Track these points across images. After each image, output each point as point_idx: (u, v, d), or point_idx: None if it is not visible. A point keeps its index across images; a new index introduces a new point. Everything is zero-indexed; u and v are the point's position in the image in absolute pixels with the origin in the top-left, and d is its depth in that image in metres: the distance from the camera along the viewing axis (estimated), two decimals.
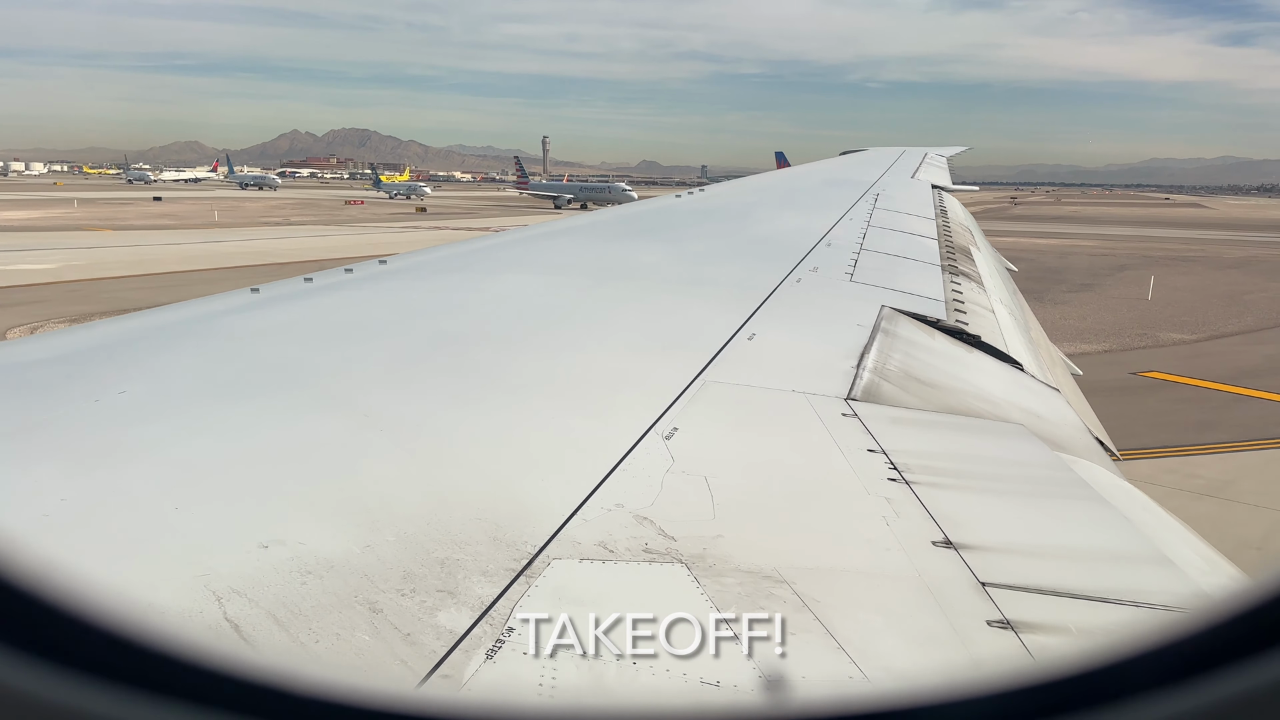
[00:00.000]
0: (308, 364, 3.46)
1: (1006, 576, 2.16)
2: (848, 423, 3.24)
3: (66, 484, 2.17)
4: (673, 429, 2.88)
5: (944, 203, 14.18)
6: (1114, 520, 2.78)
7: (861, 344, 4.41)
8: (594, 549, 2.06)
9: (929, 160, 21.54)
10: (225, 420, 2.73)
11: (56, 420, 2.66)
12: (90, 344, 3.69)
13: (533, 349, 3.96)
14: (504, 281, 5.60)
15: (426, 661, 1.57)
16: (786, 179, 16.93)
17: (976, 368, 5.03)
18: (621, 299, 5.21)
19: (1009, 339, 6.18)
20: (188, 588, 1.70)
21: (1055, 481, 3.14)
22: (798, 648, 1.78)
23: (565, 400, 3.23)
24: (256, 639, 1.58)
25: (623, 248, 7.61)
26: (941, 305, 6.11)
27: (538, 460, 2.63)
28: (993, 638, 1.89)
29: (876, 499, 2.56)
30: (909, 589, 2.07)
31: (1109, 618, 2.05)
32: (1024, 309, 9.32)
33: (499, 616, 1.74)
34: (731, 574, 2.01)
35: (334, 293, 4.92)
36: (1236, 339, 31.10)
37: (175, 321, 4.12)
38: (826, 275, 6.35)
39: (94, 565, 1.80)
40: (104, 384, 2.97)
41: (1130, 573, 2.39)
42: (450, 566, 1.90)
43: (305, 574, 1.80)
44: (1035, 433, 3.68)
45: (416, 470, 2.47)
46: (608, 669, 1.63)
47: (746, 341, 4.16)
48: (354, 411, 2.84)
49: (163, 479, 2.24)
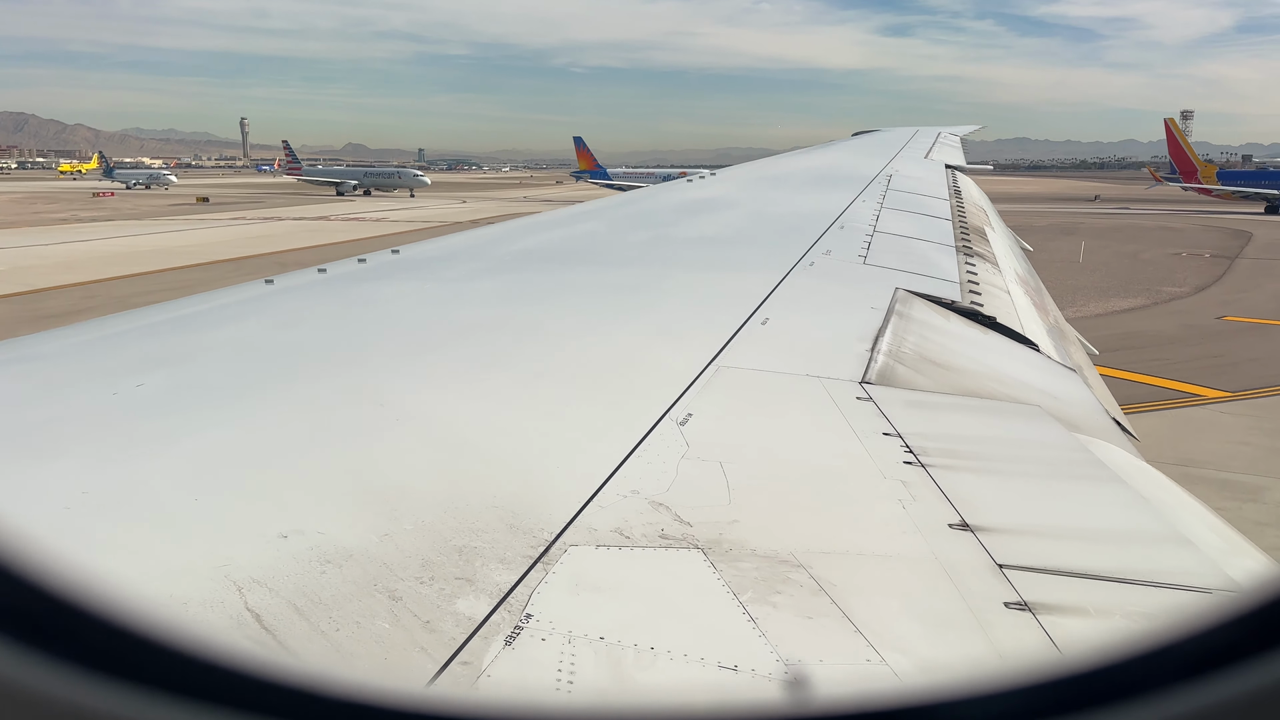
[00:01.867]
0: (324, 355, 3.48)
1: (1024, 558, 2.15)
2: (862, 406, 3.23)
3: (88, 476, 2.19)
4: (687, 415, 2.88)
5: (958, 183, 14.08)
6: (1132, 501, 2.77)
7: (876, 327, 4.39)
8: (610, 535, 2.06)
9: (942, 140, 21.37)
10: (242, 411, 2.75)
11: (76, 413, 2.68)
12: (105, 338, 3.72)
13: (547, 336, 3.96)
14: (516, 271, 5.60)
15: (446, 649, 1.58)
16: (797, 162, 16.83)
17: (992, 349, 5.00)
18: (634, 285, 5.21)
19: (1025, 320, 6.14)
20: (209, 578, 1.72)
21: (1072, 463, 3.12)
22: (814, 631, 1.78)
23: (580, 387, 3.24)
24: (277, 628, 1.60)
25: (632, 234, 7.60)
26: (956, 286, 6.07)
27: (554, 447, 2.64)
28: (1010, 620, 1.89)
29: (892, 482, 2.56)
30: (926, 572, 2.07)
31: (1127, 599, 2.05)
32: (1040, 289, 9.25)
33: (517, 603, 1.75)
34: (748, 559, 2.01)
35: (349, 284, 4.93)
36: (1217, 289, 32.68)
37: (190, 315, 4.14)
38: (840, 258, 6.32)
39: (116, 557, 1.82)
40: (122, 377, 2.99)
41: (1149, 553, 2.38)
42: (468, 554, 1.91)
43: (325, 563, 1.81)
44: (1052, 414, 3.66)
45: (434, 459, 2.48)
46: (625, 655, 1.64)
47: (760, 326, 4.16)
48: (370, 401, 2.86)
49: (182, 470, 2.26)
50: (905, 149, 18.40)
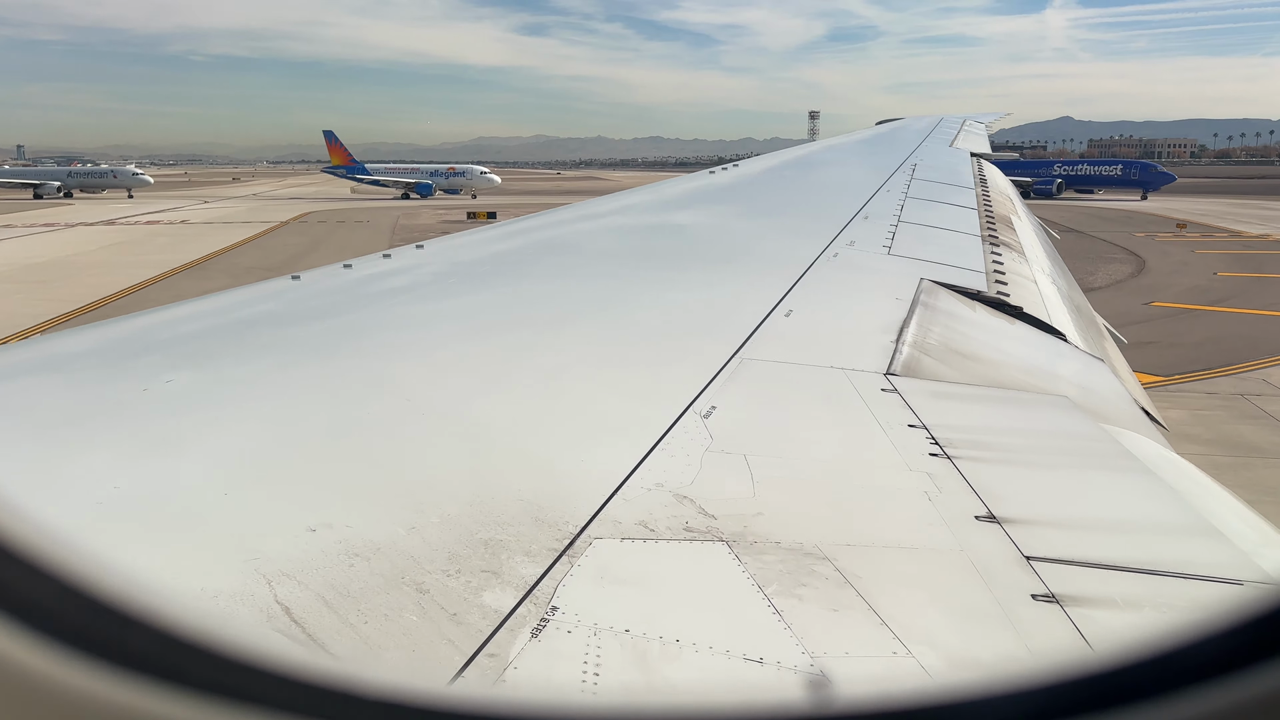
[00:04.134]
0: (349, 350, 3.50)
1: (1051, 550, 2.14)
2: (887, 398, 3.21)
3: (119, 472, 2.22)
4: (711, 407, 2.88)
5: (984, 171, 13.94)
6: (1161, 492, 2.74)
7: (900, 318, 4.36)
8: (635, 528, 2.07)
9: (967, 128, 21.16)
10: (270, 406, 2.78)
11: (107, 409, 2.72)
12: (134, 335, 3.77)
13: (570, 329, 3.97)
14: (542, 264, 5.61)
15: (473, 641, 1.59)
16: (820, 151, 16.73)
17: (1018, 339, 4.96)
18: (658, 279, 5.21)
19: (1051, 309, 6.08)
20: (239, 571, 1.74)
21: (1100, 454, 3.09)
22: (840, 624, 1.78)
23: (603, 380, 3.24)
24: (307, 620, 1.62)
25: (658, 220, 7.59)
26: (982, 276, 6.02)
27: (578, 440, 2.64)
28: (1038, 612, 1.87)
29: (918, 474, 2.54)
30: (952, 564, 2.06)
31: (1158, 591, 2.02)
32: (1068, 278, 9.15)
33: (543, 596, 1.75)
34: (772, 551, 2.01)
35: (374, 282, 4.96)
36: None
37: (216, 309, 4.19)
38: (864, 249, 6.28)
39: (148, 551, 1.84)
40: (151, 373, 3.03)
41: (1178, 545, 2.36)
42: (494, 547, 1.92)
43: (353, 556, 1.83)
44: (1080, 405, 3.63)
45: (459, 452, 2.49)
46: (651, 647, 1.64)
47: (784, 318, 4.14)
48: (396, 395, 2.88)
49: (212, 465, 2.29)
50: (930, 137, 18.24)
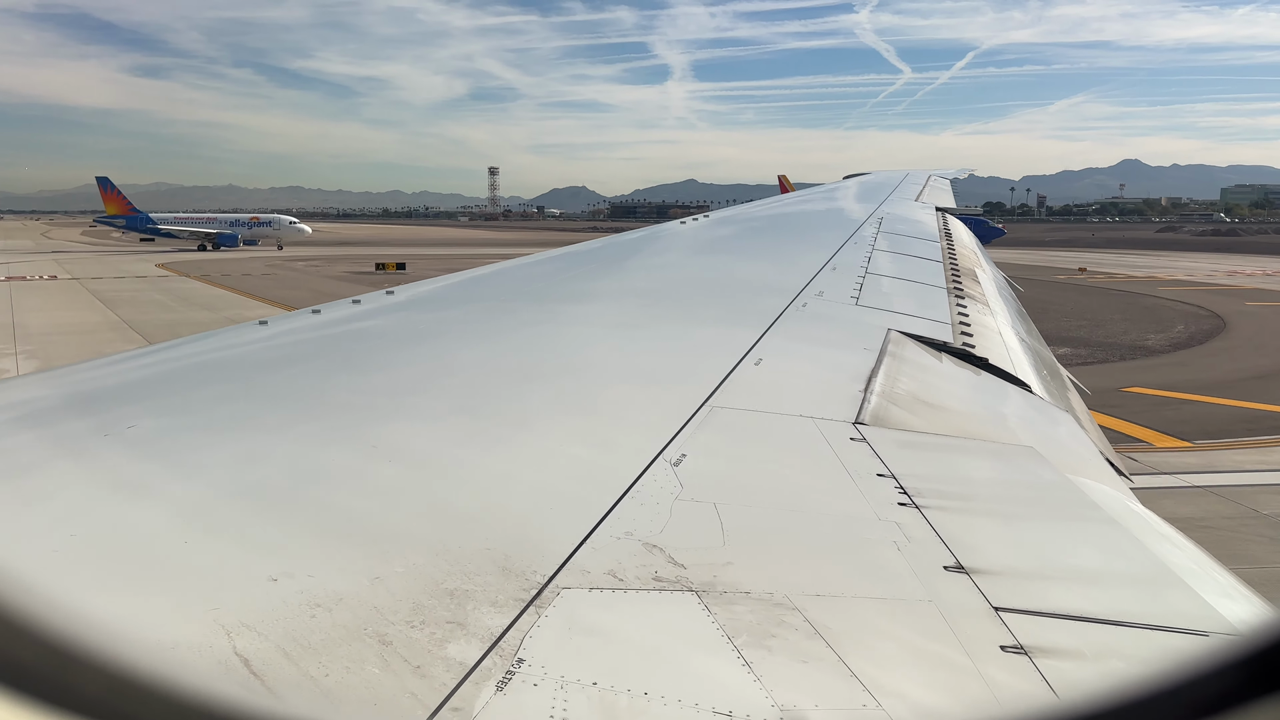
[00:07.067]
0: (315, 395, 3.47)
1: (1020, 601, 2.14)
2: (856, 447, 3.23)
3: (76, 519, 2.17)
4: (681, 455, 2.87)
5: (948, 225, 14.20)
6: (1127, 543, 2.76)
7: (869, 368, 4.40)
8: (604, 578, 2.05)
9: (932, 183, 21.60)
10: (233, 453, 2.74)
11: (66, 454, 2.67)
12: (96, 379, 3.71)
13: (539, 378, 3.96)
14: (511, 313, 5.61)
15: (437, 694, 1.56)
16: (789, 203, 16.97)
17: (984, 390, 5.01)
18: (627, 325, 5.22)
19: (1016, 360, 6.16)
20: (197, 621, 1.70)
21: (1067, 504, 3.12)
22: (810, 676, 1.76)
23: (572, 428, 3.23)
24: (266, 673, 1.58)
25: (622, 273, 7.63)
26: (948, 328, 6.10)
27: (546, 489, 2.62)
28: (1007, 663, 1.87)
29: (887, 524, 2.55)
30: (921, 615, 2.06)
31: (1124, 641, 2.03)
32: (1032, 330, 9.30)
33: (509, 647, 1.73)
34: (742, 601, 2.00)
35: (342, 325, 4.94)
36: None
37: (182, 356, 4.14)
38: (832, 299, 6.35)
39: (104, 600, 1.79)
40: (113, 419, 2.98)
41: (1143, 596, 2.37)
42: (460, 597, 1.89)
43: (314, 607, 1.79)
44: (1045, 455, 3.66)
45: (425, 501, 2.46)
46: (619, 700, 1.62)
47: (753, 367, 4.16)
48: (362, 442, 2.85)
49: (172, 512, 2.24)
50: (896, 191, 18.58)
